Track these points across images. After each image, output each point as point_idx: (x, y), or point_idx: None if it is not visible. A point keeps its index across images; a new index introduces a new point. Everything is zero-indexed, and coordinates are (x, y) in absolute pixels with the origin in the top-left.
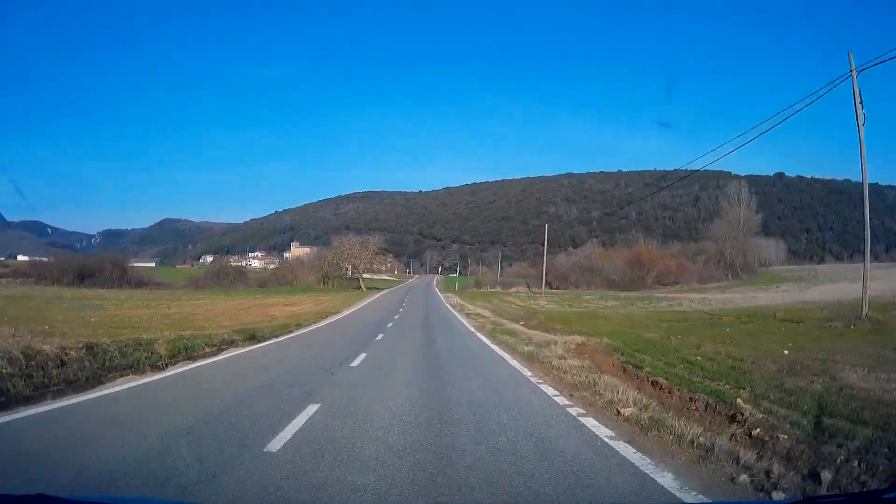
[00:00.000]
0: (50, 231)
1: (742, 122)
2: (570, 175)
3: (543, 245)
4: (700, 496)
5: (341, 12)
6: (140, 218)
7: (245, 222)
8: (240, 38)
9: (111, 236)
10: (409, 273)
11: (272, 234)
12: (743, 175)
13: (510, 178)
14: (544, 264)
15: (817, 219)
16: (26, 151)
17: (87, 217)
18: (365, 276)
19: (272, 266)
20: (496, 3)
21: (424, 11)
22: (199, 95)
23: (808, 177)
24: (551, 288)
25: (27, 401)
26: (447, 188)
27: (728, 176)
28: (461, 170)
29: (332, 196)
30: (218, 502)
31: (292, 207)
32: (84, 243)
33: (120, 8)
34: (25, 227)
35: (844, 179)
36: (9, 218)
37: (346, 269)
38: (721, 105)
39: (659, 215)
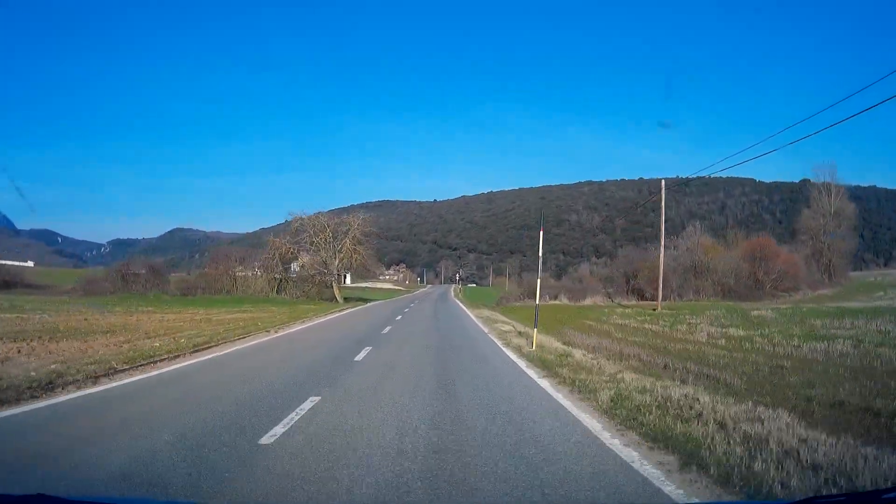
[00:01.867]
0: (60, 240)
1: (764, 128)
2: (589, 182)
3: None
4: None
5: (355, 21)
6: (151, 227)
7: (254, 231)
8: (251, 48)
9: (121, 245)
10: (422, 283)
11: None
12: (767, 182)
13: (527, 187)
14: (661, 258)
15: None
16: (39, 161)
17: (99, 227)
18: (356, 283)
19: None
20: (510, 12)
21: (435, 21)
22: (212, 105)
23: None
24: (642, 298)
25: None
26: (462, 196)
27: (752, 183)
28: (477, 179)
29: (345, 205)
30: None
31: (302, 217)
32: (94, 252)
33: (130, 20)
34: (35, 235)
35: (869, 185)
36: (20, 226)
37: (315, 269)
38: (737, 109)
39: (686, 223)
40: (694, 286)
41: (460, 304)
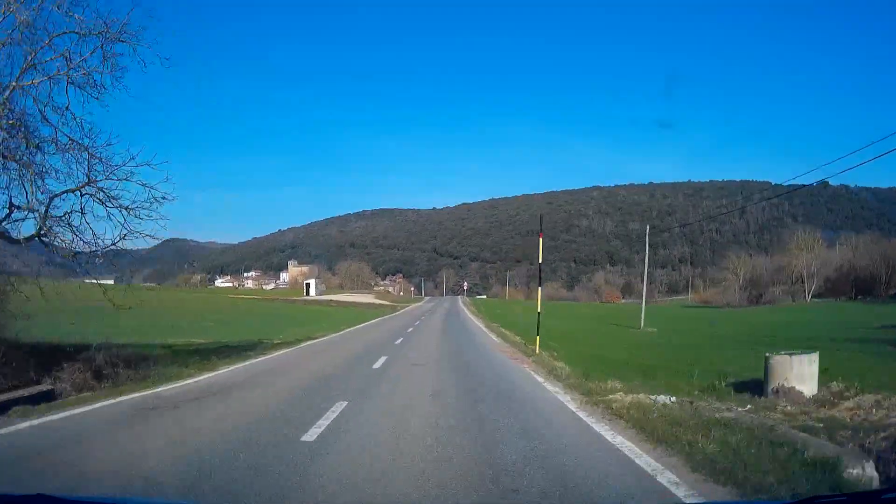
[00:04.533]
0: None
1: (774, 132)
2: (598, 188)
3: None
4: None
5: (357, 34)
6: (149, 238)
7: (247, 241)
8: (252, 61)
9: (115, 256)
10: (417, 296)
11: (271, 252)
12: (785, 185)
13: (532, 193)
14: None
15: (872, 229)
16: None
17: (97, 237)
18: (325, 294)
19: (269, 286)
20: (510, 25)
21: (436, 35)
22: (213, 116)
23: (852, 185)
24: None
25: None
26: (463, 204)
27: (769, 186)
28: (478, 188)
29: (342, 214)
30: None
31: (297, 226)
32: (90, 263)
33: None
34: (32, 246)
35: (890, 188)
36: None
37: None
38: (744, 114)
39: (704, 228)
40: None
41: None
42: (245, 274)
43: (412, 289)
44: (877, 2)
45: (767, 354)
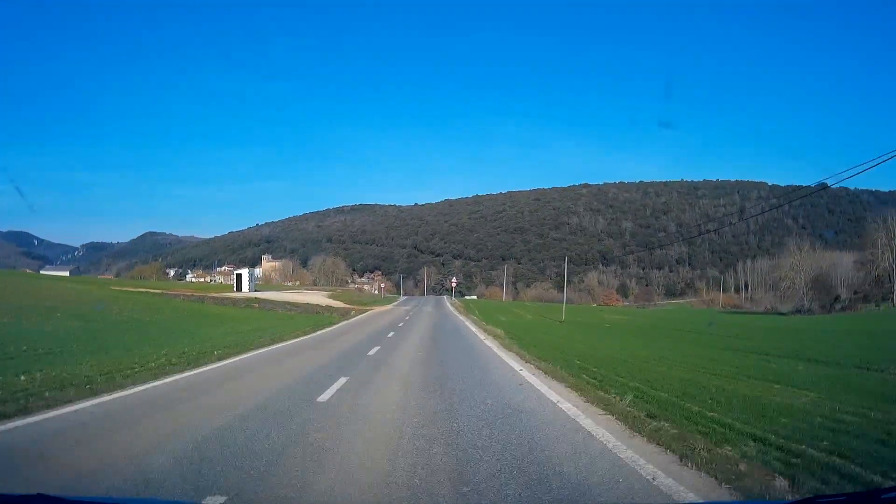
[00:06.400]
0: (35, 242)
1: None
2: (587, 185)
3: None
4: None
5: (339, 29)
6: (128, 231)
7: (223, 235)
8: (239, 54)
9: (94, 249)
10: (396, 292)
11: (246, 246)
12: (782, 185)
13: (518, 190)
14: None
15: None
16: (22, 163)
17: (78, 230)
18: (263, 290)
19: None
20: (497, 23)
21: (421, 30)
22: (192, 110)
23: (852, 189)
24: None
25: None
26: (446, 200)
27: (765, 186)
28: (462, 185)
29: (321, 209)
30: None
31: (274, 220)
32: (69, 255)
33: (114, 19)
34: (10, 236)
35: (891, 191)
36: None
37: None
38: (741, 113)
39: (702, 228)
40: None
41: None
42: (217, 268)
43: (384, 286)
44: (878, 2)
45: None
